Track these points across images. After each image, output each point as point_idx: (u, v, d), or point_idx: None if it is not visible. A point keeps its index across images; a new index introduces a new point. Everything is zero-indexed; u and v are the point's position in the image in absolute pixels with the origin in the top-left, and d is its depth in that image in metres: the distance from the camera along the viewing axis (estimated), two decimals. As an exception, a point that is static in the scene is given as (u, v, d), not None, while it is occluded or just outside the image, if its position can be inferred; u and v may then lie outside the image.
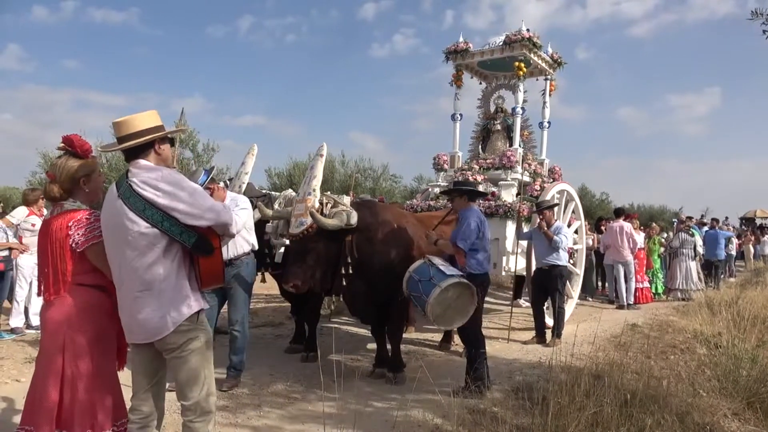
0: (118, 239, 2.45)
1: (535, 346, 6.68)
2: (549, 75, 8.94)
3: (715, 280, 12.41)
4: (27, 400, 2.58)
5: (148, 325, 2.46)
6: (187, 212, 2.43)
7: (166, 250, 2.45)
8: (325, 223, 4.45)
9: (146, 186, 2.42)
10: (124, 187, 2.46)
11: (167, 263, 2.45)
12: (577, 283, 8.71)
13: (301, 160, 21.19)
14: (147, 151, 2.55)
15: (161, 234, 2.42)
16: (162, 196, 2.41)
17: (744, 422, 4.02)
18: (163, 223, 2.41)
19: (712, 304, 8.43)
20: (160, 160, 2.58)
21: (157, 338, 2.47)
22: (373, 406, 4.32)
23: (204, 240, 2.49)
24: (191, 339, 2.52)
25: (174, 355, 2.52)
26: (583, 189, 28.02)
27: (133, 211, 2.40)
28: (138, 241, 2.41)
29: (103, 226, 2.57)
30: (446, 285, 4.36)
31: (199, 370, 2.56)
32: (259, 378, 5.02)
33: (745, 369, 4.76)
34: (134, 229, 2.40)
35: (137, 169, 2.50)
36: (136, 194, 2.42)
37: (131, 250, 2.42)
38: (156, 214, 2.40)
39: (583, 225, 8.99)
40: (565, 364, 4.46)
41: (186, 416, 2.58)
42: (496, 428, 3.55)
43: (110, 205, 2.51)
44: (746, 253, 18.72)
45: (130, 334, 2.56)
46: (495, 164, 8.07)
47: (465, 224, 4.70)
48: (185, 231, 2.44)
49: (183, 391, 2.56)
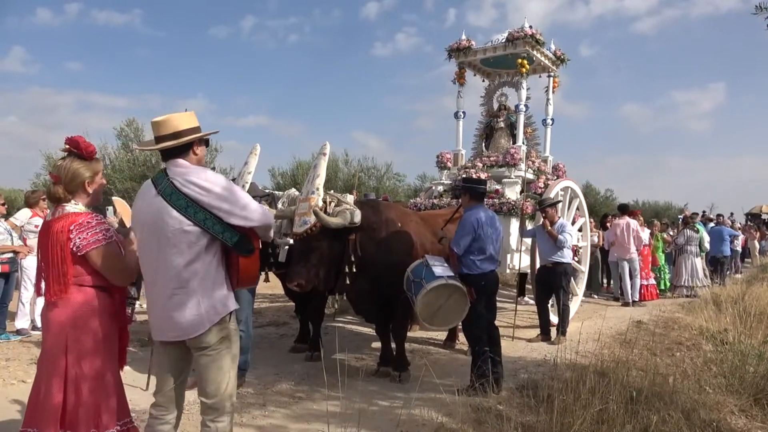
0: (156, 236, 2.45)
1: (540, 344, 6.67)
2: (552, 72, 8.91)
3: (721, 276, 12.36)
4: (29, 401, 2.57)
5: (185, 323, 2.45)
6: (231, 212, 2.45)
7: (207, 249, 2.46)
8: (329, 221, 4.44)
9: (190, 184, 2.43)
10: (164, 185, 2.46)
11: (206, 261, 2.47)
12: (582, 281, 8.69)
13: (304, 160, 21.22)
14: (186, 152, 2.56)
15: (203, 232, 2.43)
16: (207, 195, 2.43)
17: (751, 419, 4.00)
18: (206, 222, 2.42)
19: (718, 301, 8.39)
20: (197, 160, 2.59)
21: (192, 336, 2.47)
22: (377, 405, 4.32)
23: (246, 239, 2.51)
24: (224, 338, 2.53)
25: (205, 353, 2.51)
26: (588, 186, 27.98)
27: (175, 208, 2.41)
28: (179, 238, 2.41)
29: (137, 223, 2.58)
30: (431, 287, 4.38)
31: (227, 369, 2.56)
32: (264, 377, 5.02)
33: (752, 365, 4.74)
34: (176, 226, 2.41)
35: (179, 168, 2.50)
36: (179, 192, 2.42)
37: (171, 248, 2.43)
38: (199, 212, 2.42)
39: (587, 222, 8.96)
40: (570, 362, 4.44)
41: (207, 415, 2.55)
42: (501, 426, 3.54)
43: (146, 202, 2.51)
44: (751, 249, 18.64)
45: (162, 332, 2.54)
46: (498, 162, 8.06)
47: (460, 227, 4.73)
48: (228, 230, 2.46)
49: (207, 389, 2.54)
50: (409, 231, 5.12)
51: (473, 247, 4.68)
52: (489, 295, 4.86)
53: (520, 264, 7.40)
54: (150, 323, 2.61)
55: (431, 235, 5.38)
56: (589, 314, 8.46)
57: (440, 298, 4.45)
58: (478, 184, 5.09)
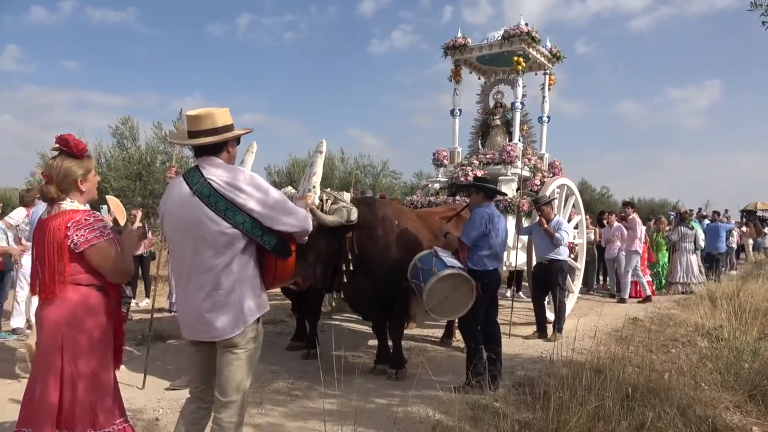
0: (191, 236, 2.43)
1: (537, 341, 6.68)
2: (548, 69, 8.91)
3: (716, 273, 12.41)
4: (24, 401, 2.55)
5: (220, 325, 2.45)
6: (274, 217, 2.44)
7: (244, 251, 2.45)
8: (326, 219, 4.44)
9: (230, 187, 2.41)
10: (201, 184, 2.43)
11: (243, 263, 2.46)
12: (578, 278, 8.71)
13: (301, 158, 21.21)
14: (221, 150, 2.52)
15: (242, 235, 2.42)
16: (248, 199, 2.41)
17: (746, 415, 4.02)
18: (245, 225, 2.41)
19: (713, 297, 8.42)
20: (229, 159, 2.57)
21: (227, 337, 2.47)
22: (374, 403, 4.32)
23: (284, 243, 2.51)
24: (252, 338, 2.54)
25: (232, 351, 2.50)
26: (584, 183, 28.00)
27: (213, 210, 2.39)
28: (217, 240, 2.40)
29: (168, 222, 2.56)
30: (444, 275, 4.39)
31: (249, 369, 2.57)
32: (261, 376, 5.01)
33: (747, 361, 4.76)
34: (214, 228, 2.39)
35: (215, 167, 2.47)
36: (218, 194, 2.40)
37: (208, 249, 2.41)
38: (239, 215, 2.40)
39: (584, 219, 8.98)
40: (567, 359, 4.46)
41: (220, 413, 2.54)
42: (498, 423, 3.55)
43: (180, 199, 2.47)
44: (746, 246, 18.71)
45: (197, 331, 2.53)
46: (495, 159, 8.06)
47: (471, 220, 4.77)
48: (267, 233, 2.45)
49: (226, 388, 2.52)
50: (406, 229, 5.12)
51: (482, 242, 4.71)
52: (491, 293, 4.89)
53: (516, 261, 7.42)
54: (181, 322, 2.61)
55: (428, 233, 5.38)
56: (585, 311, 8.48)
57: (448, 288, 4.46)
58: (491, 184, 5.17)
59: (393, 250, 4.92)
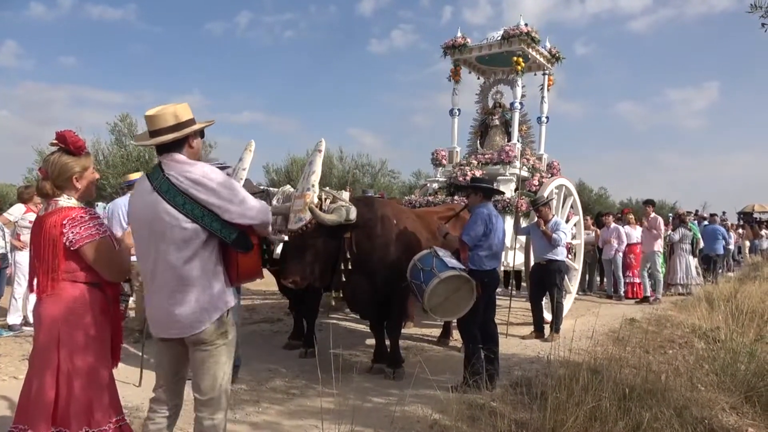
0: (153, 233, 2.42)
1: (534, 341, 6.69)
2: (547, 70, 8.91)
3: (714, 274, 12.44)
4: (21, 397, 2.55)
5: (186, 320, 2.43)
6: (229, 209, 2.42)
7: (205, 245, 2.43)
8: (324, 218, 4.43)
9: (187, 181, 2.39)
10: (160, 181, 2.42)
11: (204, 258, 2.44)
12: (576, 278, 8.72)
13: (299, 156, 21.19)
14: (182, 146, 2.50)
15: (201, 229, 2.40)
16: (204, 192, 2.39)
17: (742, 416, 4.03)
18: (204, 219, 2.39)
19: (710, 299, 8.44)
20: (192, 154, 2.54)
21: (193, 333, 2.45)
22: (371, 402, 4.32)
23: (244, 236, 2.48)
24: (223, 333, 2.51)
25: (202, 349, 2.49)
26: (581, 184, 28.02)
27: (172, 205, 2.37)
28: (177, 235, 2.38)
29: (133, 220, 2.56)
30: (445, 276, 4.39)
31: (223, 365, 2.54)
32: (258, 374, 5.01)
33: (743, 363, 4.76)
34: (173, 223, 2.37)
35: (174, 162, 2.46)
36: (176, 189, 2.39)
37: (168, 245, 2.39)
38: (197, 209, 2.39)
39: (581, 220, 9.00)
40: (564, 359, 4.46)
41: (200, 411, 2.53)
42: (495, 423, 3.55)
43: (142, 198, 2.47)
44: (742, 248, 18.77)
45: (163, 329, 2.52)
46: (493, 159, 8.06)
47: (472, 219, 4.79)
48: (226, 227, 2.44)
49: (202, 385, 2.52)
50: (405, 228, 5.12)
51: (482, 242, 4.72)
52: (489, 293, 4.89)
53: (514, 262, 7.42)
54: (148, 320, 2.59)
55: (427, 233, 5.38)
56: (583, 312, 8.49)
57: (449, 289, 4.46)
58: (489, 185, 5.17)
59: (391, 250, 4.92)
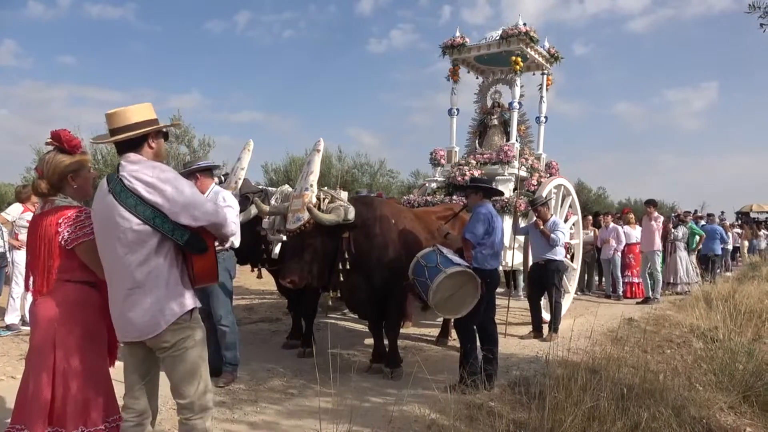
0: (109, 235, 2.39)
1: (532, 341, 6.69)
2: (546, 70, 8.91)
3: (712, 274, 12.45)
4: (18, 397, 2.55)
5: (141, 324, 2.39)
6: (176, 211, 2.36)
7: (158, 247, 2.39)
8: (323, 218, 4.43)
9: (136, 181, 2.36)
10: (115, 182, 2.39)
11: (159, 260, 2.39)
12: (574, 278, 8.72)
13: (298, 156, 21.12)
14: (140, 145, 2.47)
15: (153, 231, 2.35)
16: (152, 192, 2.35)
17: (740, 416, 4.03)
18: (155, 220, 2.34)
19: (708, 298, 8.45)
20: (154, 154, 2.51)
21: (150, 336, 2.42)
22: (370, 402, 4.32)
23: (197, 238, 2.43)
24: (185, 337, 2.46)
25: (168, 354, 2.46)
26: (580, 184, 28.04)
27: (124, 207, 2.34)
28: (129, 237, 2.34)
29: (94, 222, 2.52)
30: (451, 272, 4.39)
31: (195, 368, 2.50)
32: (256, 374, 5.01)
33: (741, 363, 4.77)
34: (125, 225, 2.34)
35: (128, 163, 2.43)
36: (128, 190, 2.35)
37: (122, 247, 2.36)
38: (147, 210, 2.34)
39: (580, 220, 9.00)
40: (562, 359, 4.46)
41: (182, 414, 2.52)
42: (493, 423, 3.54)
43: (101, 200, 2.44)
44: (741, 248, 18.82)
45: (122, 332, 2.49)
46: (492, 159, 8.06)
47: (474, 217, 4.80)
48: (177, 228, 2.38)
49: (179, 389, 2.50)
50: (404, 228, 5.12)
51: (485, 240, 4.72)
52: (490, 292, 4.89)
53: (513, 261, 7.42)
54: (113, 323, 2.55)
55: (425, 232, 5.38)
56: (581, 311, 8.50)
57: (455, 286, 4.45)
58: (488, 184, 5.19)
59: (390, 250, 4.92)
